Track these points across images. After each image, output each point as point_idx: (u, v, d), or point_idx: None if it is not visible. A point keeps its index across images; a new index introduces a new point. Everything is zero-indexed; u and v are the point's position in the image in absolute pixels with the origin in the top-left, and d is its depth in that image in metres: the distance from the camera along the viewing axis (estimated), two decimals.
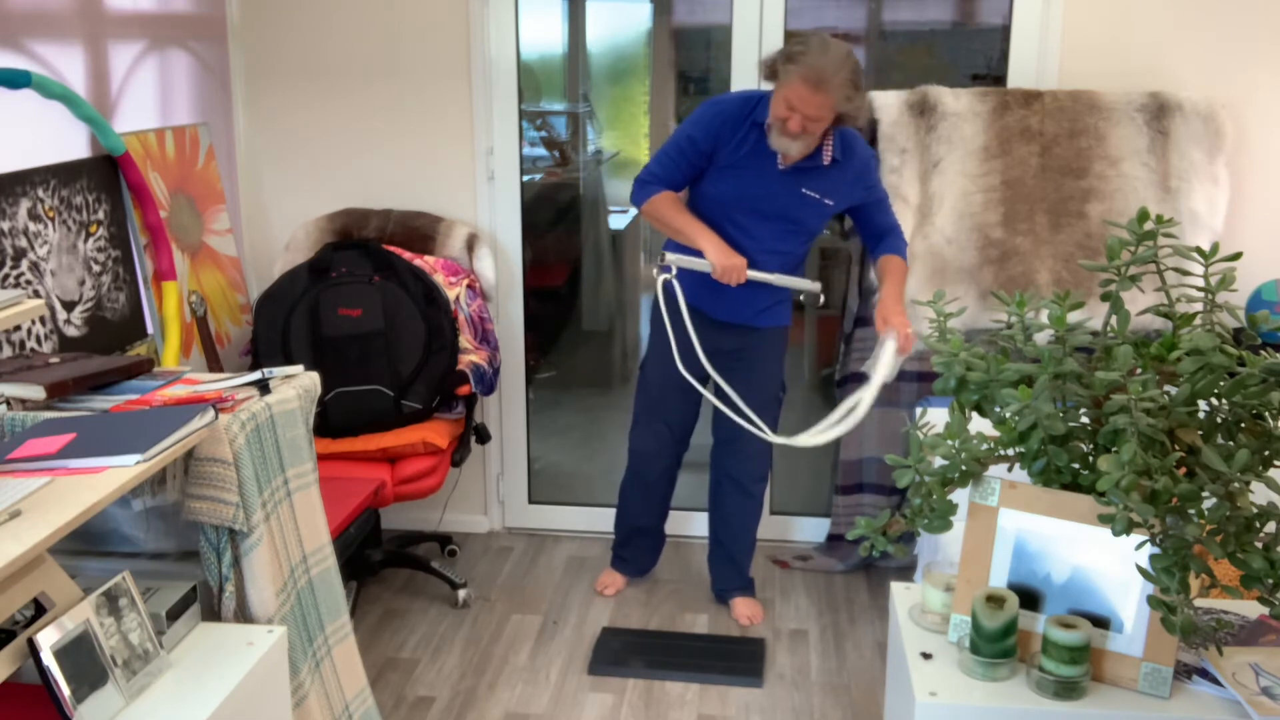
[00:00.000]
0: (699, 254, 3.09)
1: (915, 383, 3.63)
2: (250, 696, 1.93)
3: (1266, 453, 1.75)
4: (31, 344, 2.74)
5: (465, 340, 3.59)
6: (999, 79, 3.73)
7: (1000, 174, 3.47)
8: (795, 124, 2.93)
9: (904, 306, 3.14)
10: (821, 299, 3.20)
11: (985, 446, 1.92)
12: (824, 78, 2.86)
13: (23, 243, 2.73)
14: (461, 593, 3.65)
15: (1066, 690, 1.81)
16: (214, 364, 3.49)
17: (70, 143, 2.99)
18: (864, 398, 2.98)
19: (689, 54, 4.48)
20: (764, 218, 3.13)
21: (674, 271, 3.11)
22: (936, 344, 1.99)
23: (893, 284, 3.17)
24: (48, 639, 1.70)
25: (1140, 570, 1.72)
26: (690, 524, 4.09)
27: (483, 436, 3.77)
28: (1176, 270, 1.86)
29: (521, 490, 4.20)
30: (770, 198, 3.11)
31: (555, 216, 4.72)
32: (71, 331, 2.91)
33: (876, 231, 3.24)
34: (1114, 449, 1.76)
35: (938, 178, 3.48)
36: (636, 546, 3.67)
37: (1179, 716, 1.79)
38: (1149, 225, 1.86)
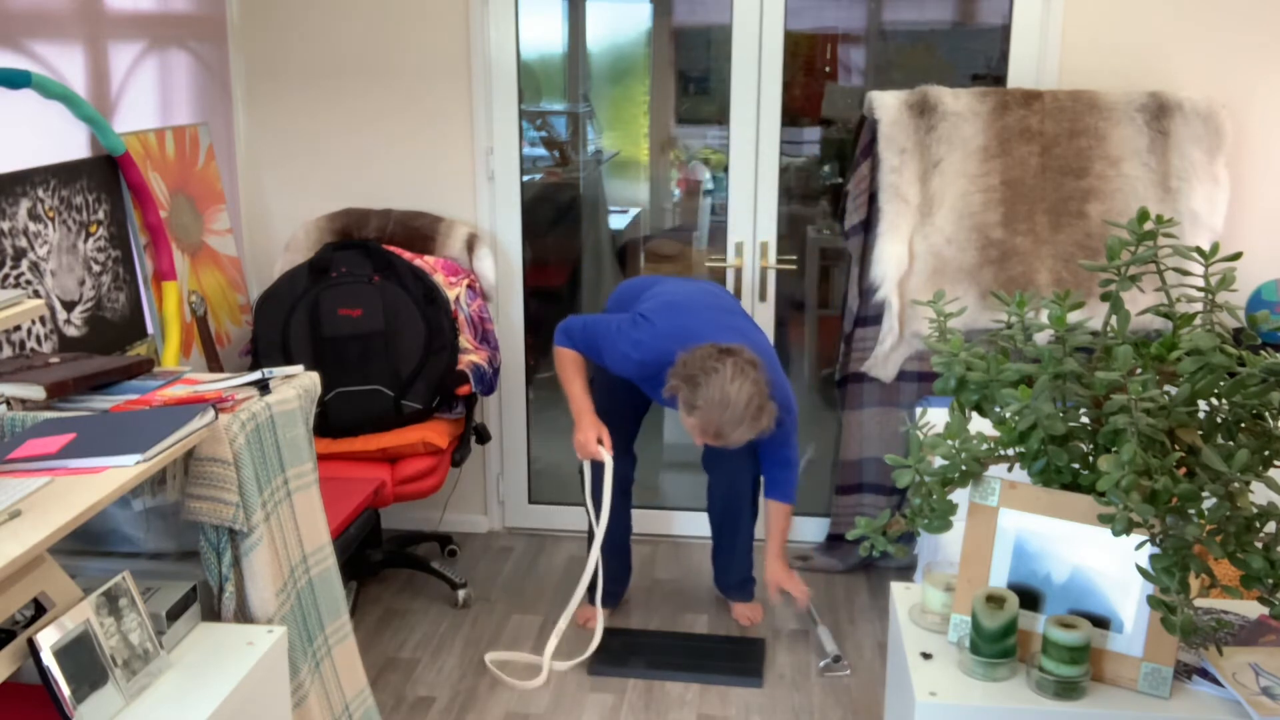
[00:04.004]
0: None
1: (915, 383, 3.64)
2: (250, 696, 1.93)
3: (1266, 453, 1.75)
4: (31, 344, 2.74)
5: (465, 340, 3.59)
6: (999, 79, 3.73)
7: (1000, 174, 3.47)
8: (700, 442, 3.03)
9: (787, 563, 3.38)
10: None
11: (985, 446, 1.92)
12: (724, 435, 2.92)
13: (23, 243, 2.73)
14: (461, 593, 3.65)
15: (1066, 690, 1.81)
16: (214, 364, 3.49)
17: (70, 143, 2.99)
18: None
19: (689, 54, 4.48)
20: None
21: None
22: (936, 344, 1.99)
23: (775, 540, 3.34)
24: (48, 639, 1.70)
25: (1140, 570, 1.72)
26: (690, 524, 4.10)
27: (483, 436, 3.78)
28: (1176, 270, 1.86)
29: (521, 490, 4.20)
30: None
31: (555, 216, 4.71)
32: (71, 331, 2.91)
33: (769, 461, 3.27)
34: (1114, 449, 1.76)
35: (938, 178, 3.48)
36: (609, 571, 3.57)
37: (1179, 716, 1.79)
38: (1149, 225, 1.86)
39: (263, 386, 2.24)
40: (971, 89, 3.54)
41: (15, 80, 2.67)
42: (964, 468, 1.90)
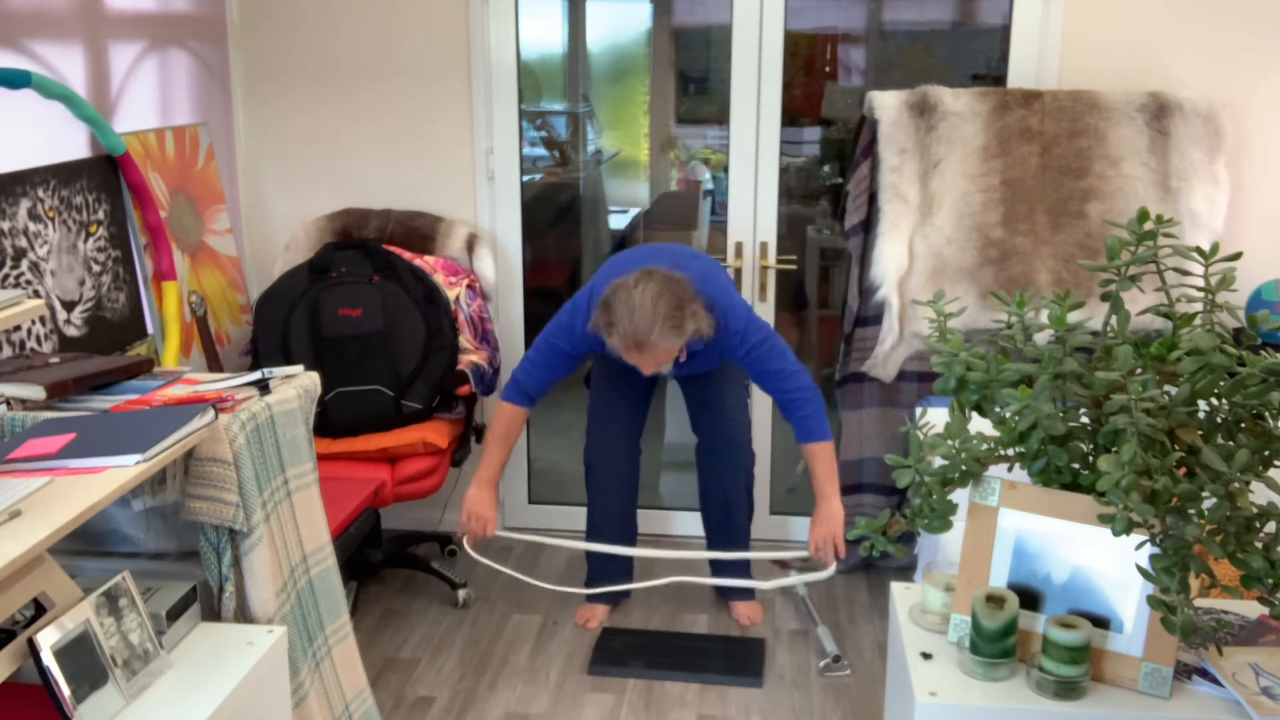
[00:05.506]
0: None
1: (915, 383, 3.63)
2: (250, 696, 1.93)
3: (1266, 453, 1.75)
4: (31, 344, 2.74)
5: (465, 340, 3.59)
6: (999, 79, 3.73)
7: (1000, 174, 3.47)
8: (648, 369, 2.99)
9: (838, 512, 3.09)
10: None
11: (985, 446, 1.92)
12: (642, 340, 2.87)
13: (23, 243, 2.73)
14: (461, 593, 3.66)
15: (1066, 690, 1.81)
16: (214, 364, 3.49)
17: (70, 143, 2.99)
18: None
19: (689, 54, 4.48)
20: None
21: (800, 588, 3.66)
22: (936, 344, 1.99)
23: (826, 483, 3.09)
24: (48, 639, 1.70)
25: (1140, 570, 1.72)
26: (690, 524, 4.10)
27: (482, 436, 3.77)
28: (1176, 270, 1.86)
29: (521, 490, 4.20)
30: (653, 380, 3.34)
31: (555, 216, 4.72)
32: (71, 331, 2.91)
33: (781, 400, 3.12)
34: (1114, 449, 1.76)
35: (938, 178, 3.48)
36: (608, 572, 3.57)
37: (1179, 716, 1.79)
38: (1149, 225, 1.86)
39: (263, 386, 2.24)
40: (971, 89, 3.54)
41: (15, 80, 2.67)
42: (964, 468, 1.90)
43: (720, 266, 3.28)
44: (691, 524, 4.11)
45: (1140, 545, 1.72)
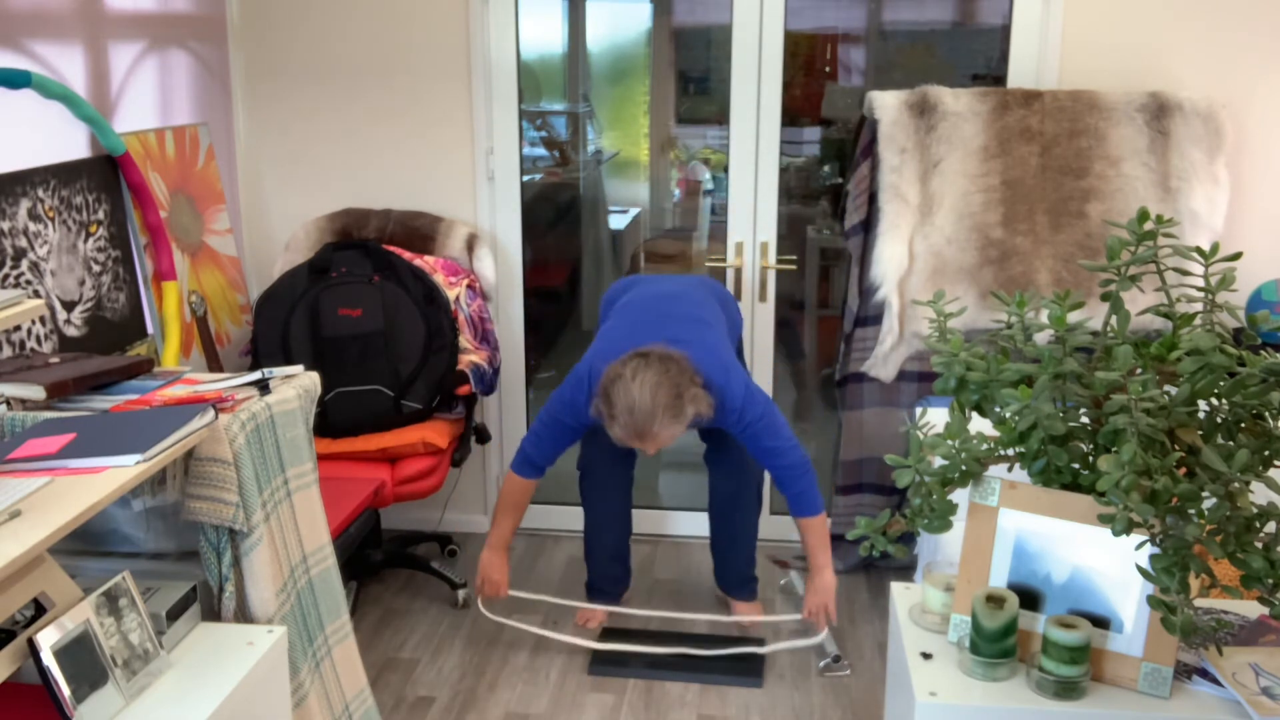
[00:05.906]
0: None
1: (915, 383, 3.64)
2: (250, 696, 1.93)
3: (1266, 453, 1.75)
4: (31, 344, 2.74)
5: (465, 340, 3.59)
6: (999, 79, 3.73)
7: (1000, 174, 3.47)
8: (651, 452, 3.00)
9: (830, 582, 3.24)
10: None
11: (985, 446, 1.92)
12: (644, 432, 2.89)
13: (23, 243, 2.73)
14: (461, 593, 3.66)
15: (1066, 690, 1.81)
16: (214, 364, 3.49)
17: (70, 143, 2.99)
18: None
19: (689, 54, 4.48)
20: None
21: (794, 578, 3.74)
22: (936, 344, 1.99)
23: (812, 557, 3.21)
24: (48, 639, 1.70)
25: (1140, 570, 1.72)
26: (690, 524, 4.10)
27: (483, 436, 3.78)
28: (1176, 270, 1.86)
29: None
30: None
31: (555, 216, 4.71)
32: (71, 331, 2.91)
33: (775, 475, 3.14)
34: (1114, 449, 1.76)
35: (938, 178, 3.48)
36: (610, 574, 3.57)
37: (1179, 716, 1.79)
38: (1149, 225, 1.86)
39: (263, 386, 2.24)
40: (971, 89, 3.54)
41: (15, 80, 2.67)
42: (964, 468, 1.90)
43: (719, 318, 3.23)
44: (690, 524, 4.11)
45: (1140, 545, 1.72)
